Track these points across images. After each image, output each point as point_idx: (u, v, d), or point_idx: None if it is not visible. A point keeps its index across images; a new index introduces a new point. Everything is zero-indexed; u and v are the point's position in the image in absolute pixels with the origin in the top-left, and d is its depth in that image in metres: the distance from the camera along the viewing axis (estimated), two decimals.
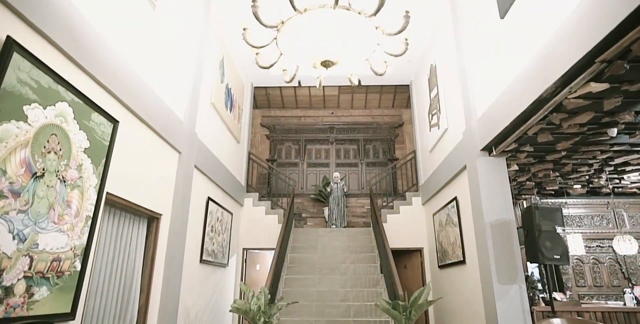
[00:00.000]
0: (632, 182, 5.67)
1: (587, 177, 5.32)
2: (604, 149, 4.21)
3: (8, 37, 2.07)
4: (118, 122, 3.13)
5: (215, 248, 5.61)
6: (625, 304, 5.32)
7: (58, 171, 2.45)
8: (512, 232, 4.03)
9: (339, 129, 9.63)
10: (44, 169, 2.33)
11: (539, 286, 5.40)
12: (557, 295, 4.49)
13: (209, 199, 5.36)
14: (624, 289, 5.23)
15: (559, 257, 3.59)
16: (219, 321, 5.89)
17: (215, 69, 5.74)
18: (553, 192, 6.23)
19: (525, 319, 3.74)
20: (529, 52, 3.32)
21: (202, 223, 5.17)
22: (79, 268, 2.65)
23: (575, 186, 5.81)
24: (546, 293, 4.68)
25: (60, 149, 2.48)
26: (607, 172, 5.06)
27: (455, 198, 5.21)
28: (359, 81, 8.41)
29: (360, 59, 2.60)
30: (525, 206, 6.04)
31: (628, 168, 4.89)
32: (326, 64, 2.46)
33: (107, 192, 3.05)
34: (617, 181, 5.47)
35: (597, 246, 6.51)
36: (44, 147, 2.33)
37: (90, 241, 2.77)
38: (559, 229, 3.68)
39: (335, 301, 5.38)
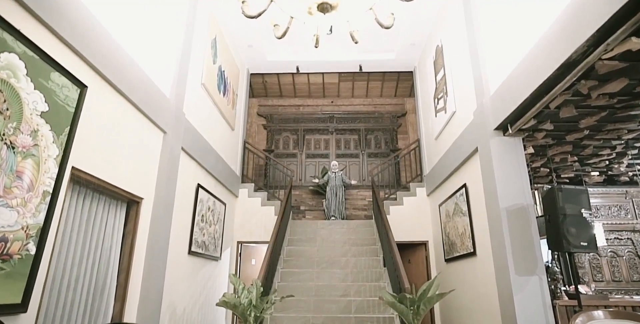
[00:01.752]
0: None
1: (607, 162, 4.93)
2: (631, 128, 3.82)
3: None
4: (86, 87, 2.74)
5: (206, 239, 5.22)
6: None
7: (4, 135, 2.06)
8: (530, 218, 3.64)
9: (339, 118, 9.23)
10: None
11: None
12: (582, 288, 4.11)
13: (199, 186, 4.97)
14: None
15: (585, 244, 3.18)
16: (210, 318, 5.50)
17: (206, 48, 5.34)
18: (568, 181, 5.84)
19: (547, 315, 3.34)
20: (554, 11, 2.93)
21: (191, 212, 4.78)
22: (33, 251, 2.25)
23: (592, 173, 5.41)
24: (567, 286, 4.29)
25: (8, 109, 2.09)
26: (630, 156, 4.67)
27: (464, 185, 4.83)
28: (360, 67, 7.84)
29: (363, 6, 2.20)
30: (537, 195, 5.64)
31: None
32: (324, 7, 2.07)
33: (73, 167, 2.66)
34: (639, 166, 5.07)
35: (615, 238, 6.09)
36: None
37: (49, 221, 2.38)
38: (585, 213, 3.27)
39: (334, 296, 4.98)
